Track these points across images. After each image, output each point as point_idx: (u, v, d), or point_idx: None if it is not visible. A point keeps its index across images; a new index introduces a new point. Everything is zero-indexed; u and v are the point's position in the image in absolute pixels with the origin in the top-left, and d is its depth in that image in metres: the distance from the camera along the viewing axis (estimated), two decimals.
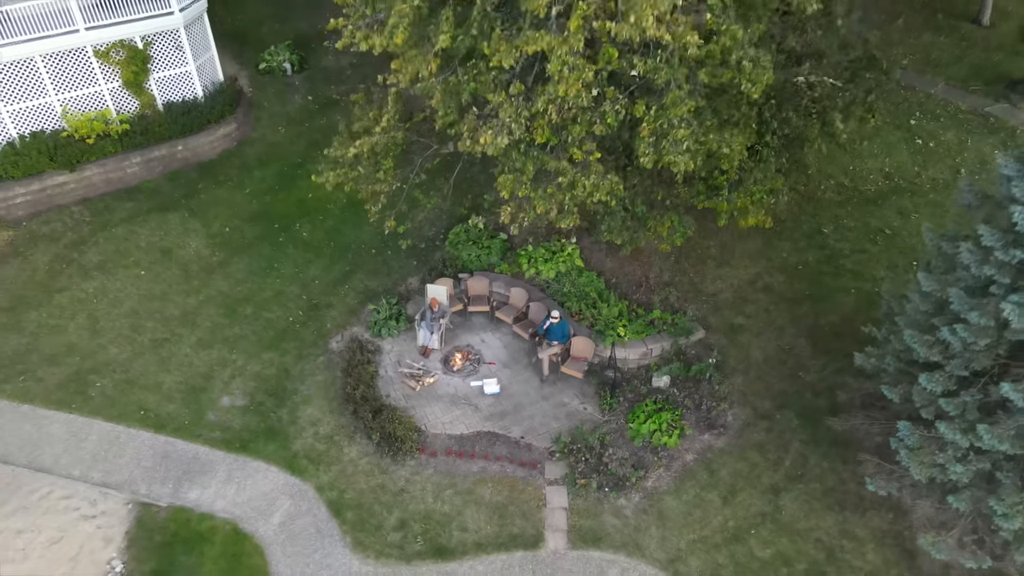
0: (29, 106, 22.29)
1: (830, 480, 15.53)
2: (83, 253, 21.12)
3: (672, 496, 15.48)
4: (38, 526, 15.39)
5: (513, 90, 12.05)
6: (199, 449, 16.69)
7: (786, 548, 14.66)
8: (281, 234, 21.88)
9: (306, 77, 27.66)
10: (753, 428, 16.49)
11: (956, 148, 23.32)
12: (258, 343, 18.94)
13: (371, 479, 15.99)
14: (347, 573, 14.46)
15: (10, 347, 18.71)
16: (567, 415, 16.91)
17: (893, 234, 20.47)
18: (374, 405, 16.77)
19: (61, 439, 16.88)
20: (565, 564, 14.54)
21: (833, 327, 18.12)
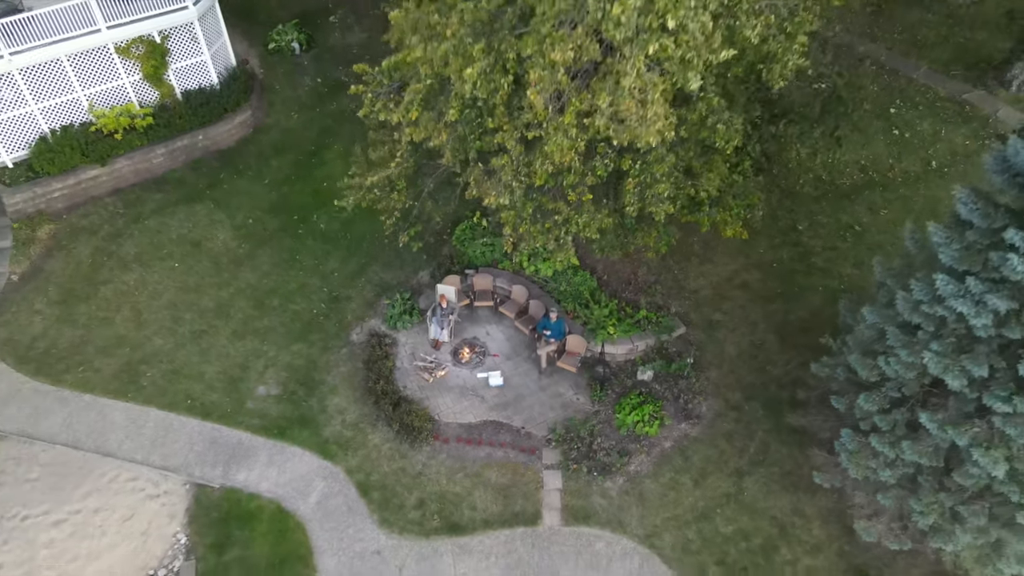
0: (58, 102, 23.67)
1: (787, 465, 18.10)
2: (120, 245, 23.05)
3: (651, 479, 18.09)
4: (111, 505, 18.08)
5: (513, 153, 13.75)
6: (242, 435, 19.20)
7: (746, 525, 17.38)
8: (300, 225, 23.73)
9: (314, 56, 28.74)
10: (724, 418, 18.95)
11: (930, 139, 24.76)
12: (287, 335, 21.17)
13: (393, 463, 18.57)
14: (376, 547, 17.22)
15: (66, 339, 20.95)
16: (562, 405, 19.34)
17: (862, 231, 22.32)
18: (393, 398, 19.17)
19: (122, 426, 19.37)
20: (559, 539, 17.28)
21: (801, 323, 20.30)
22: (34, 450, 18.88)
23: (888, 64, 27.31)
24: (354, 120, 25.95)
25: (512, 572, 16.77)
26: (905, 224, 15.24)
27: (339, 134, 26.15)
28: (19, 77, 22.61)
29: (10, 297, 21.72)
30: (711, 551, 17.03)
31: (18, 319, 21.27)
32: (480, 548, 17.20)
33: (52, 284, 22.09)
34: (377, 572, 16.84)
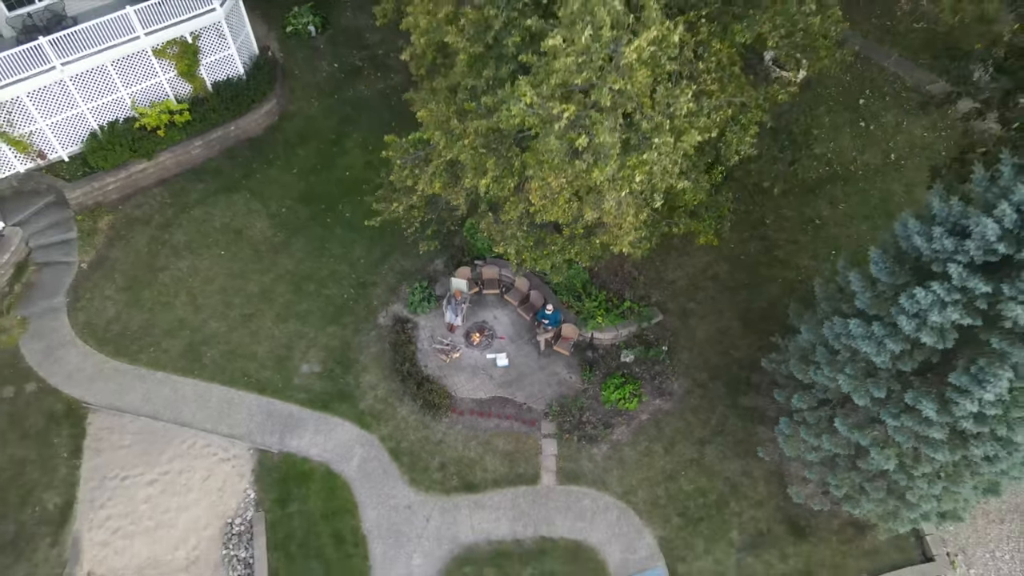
0: (104, 102, 26.22)
1: (740, 436, 22.16)
2: (172, 234, 26.27)
3: (629, 447, 22.21)
4: (192, 467, 22.31)
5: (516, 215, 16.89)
6: (292, 408, 23.18)
7: (704, 484, 21.63)
8: (328, 215, 26.82)
9: (329, 39, 30.81)
10: (691, 395, 22.88)
11: (892, 131, 27.43)
12: (323, 318, 24.77)
13: (418, 432, 22.64)
14: (407, 502, 21.54)
15: (136, 323, 24.58)
16: (558, 383, 23.23)
17: (822, 224, 25.47)
18: (418, 378, 23.01)
19: (192, 400, 23.33)
20: (554, 496, 21.57)
21: (761, 311, 23.87)
22: (123, 421, 22.92)
23: (863, 51, 29.46)
24: (370, 109, 28.82)
25: (516, 523, 21.15)
26: (860, 223, 18.33)
27: (358, 123, 28.73)
28: (70, 83, 25.09)
29: (83, 284, 25.15)
30: (675, 505, 21.36)
31: (93, 304, 24.79)
32: (490, 503, 21.51)
33: (117, 271, 25.46)
34: (409, 523, 21.23)
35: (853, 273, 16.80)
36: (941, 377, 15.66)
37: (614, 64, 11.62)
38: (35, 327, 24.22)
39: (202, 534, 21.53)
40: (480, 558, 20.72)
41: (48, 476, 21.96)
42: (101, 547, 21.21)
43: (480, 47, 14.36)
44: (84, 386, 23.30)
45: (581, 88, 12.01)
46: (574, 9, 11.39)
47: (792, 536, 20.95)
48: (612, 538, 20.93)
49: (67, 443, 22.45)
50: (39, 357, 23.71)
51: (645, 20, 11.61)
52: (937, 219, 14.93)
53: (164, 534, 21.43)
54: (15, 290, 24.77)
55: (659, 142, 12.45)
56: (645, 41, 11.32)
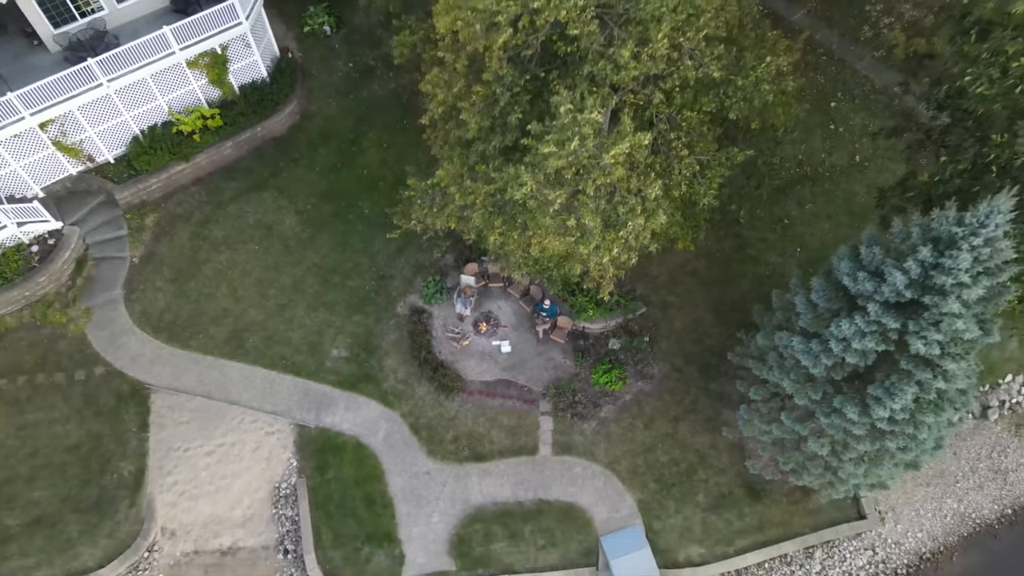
0: (144, 109, 28.95)
1: (709, 414, 25.96)
2: (211, 230, 29.43)
3: (615, 423, 26.05)
4: (243, 440, 26.22)
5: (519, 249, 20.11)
6: (325, 388, 26.91)
7: (677, 455, 25.57)
8: (349, 212, 29.90)
9: (343, 38, 33.15)
10: (669, 378, 26.57)
11: (859, 133, 30.16)
12: (348, 308, 28.23)
13: (434, 410, 26.44)
14: (426, 470, 25.51)
15: (185, 312, 28.05)
16: (554, 367, 26.89)
17: (790, 223, 28.58)
18: (432, 363, 26.66)
19: (238, 381, 27.05)
20: (550, 464, 25.53)
21: (732, 304, 27.30)
22: (181, 400, 26.71)
23: (838, 53, 31.89)
24: (384, 109, 31.53)
25: (518, 488, 25.21)
26: (823, 222, 21.56)
27: (372, 123, 31.44)
28: (115, 96, 27.79)
29: (135, 277, 28.50)
30: (652, 473, 25.37)
31: (146, 295, 28.21)
32: (496, 471, 25.51)
33: (165, 265, 28.75)
34: (428, 487, 25.29)
35: (799, 297, 20.16)
36: (863, 386, 19.27)
37: (597, 163, 14.67)
38: (98, 317, 27.69)
39: (254, 496, 25.64)
40: (488, 517, 24.85)
41: (122, 447, 25.87)
42: (171, 507, 25.36)
43: (488, 121, 17.32)
44: (145, 369, 26.96)
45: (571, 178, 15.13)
46: (564, 122, 14.36)
47: (749, 499, 25.03)
48: (599, 500, 25.02)
49: (135, 419, 26.28)
50: (104, 344, 27.28)
51: (621, 132, 14.58)
52: (863, 263, 18.21)
53: (223, 496, 25.53)
54: (77, 283, 28.14)
55: (632, 225, 15.61)
56: (621, 148, 14.35)
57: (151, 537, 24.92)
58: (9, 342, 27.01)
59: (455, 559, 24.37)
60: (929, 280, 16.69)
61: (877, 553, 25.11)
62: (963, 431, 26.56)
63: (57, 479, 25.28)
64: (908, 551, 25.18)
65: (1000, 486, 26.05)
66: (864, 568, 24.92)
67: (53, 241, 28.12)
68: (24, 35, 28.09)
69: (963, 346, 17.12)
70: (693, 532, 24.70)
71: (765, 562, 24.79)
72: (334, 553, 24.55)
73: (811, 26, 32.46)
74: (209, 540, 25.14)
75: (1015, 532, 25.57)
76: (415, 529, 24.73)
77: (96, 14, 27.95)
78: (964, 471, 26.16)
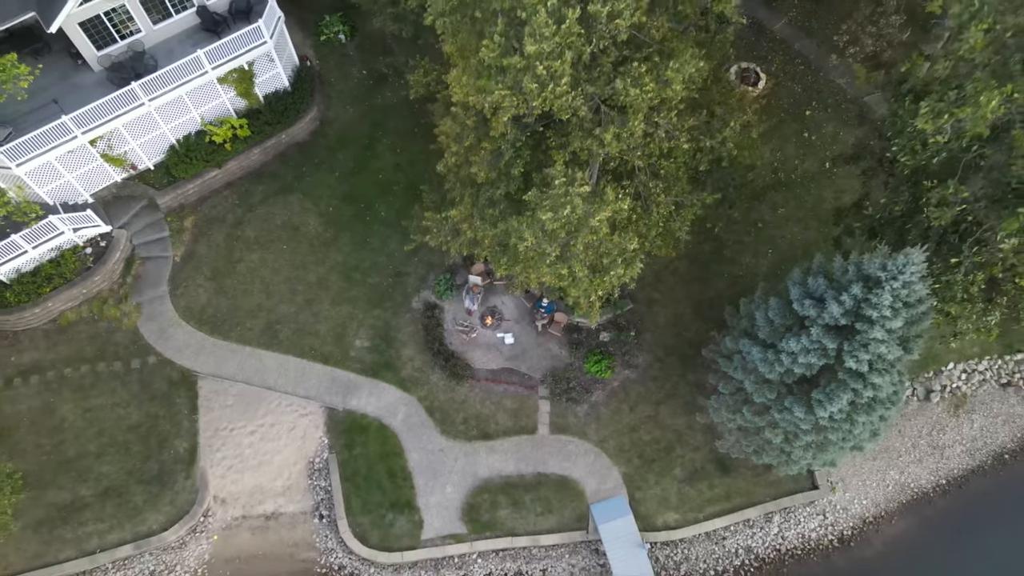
0: (180, 122, 31.92)
1: (687, 399, 29.77)
2: (243, 231, 32.73)
3: (604, 407, 29.89)
4: (280, 421, 30.14)
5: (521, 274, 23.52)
6: (350, 375, 30.68)
7: (658, 435, 29.50)
8: (367, 213, 33.13)
9: (357, 45, 35.77)
10: (652, 367, 30.30)
11: (830, 141, 33.13)
12: (368, 303, 31.75)
13: (446, 394, 30.25)
14: (440, 447, 29.47)
15: (224, 307, 31.59)
16: (551, 357, 30.59)
17: (763, 227, 31.83)
18: (444, 354, 30.34)
19: (274, 369, 30.80)
20: (547, 442, 29.48)
21: (709, 301, 30.81)
22: (225, 385, 30.52)
23: (815, 63, 34.57)
24: (396, 116, 34.47)
25: (520, 462, 29.21)
26: (794, 225, 25.01)
27: (386, 129, 34.36)
28: (155, 113, 30.74)
29: (178, 275, 31.96)
30: (636, 450, 29.33)
31: (188, 292, 31.71)
32: (501, 448, 29.48)
33: (204, 264, 32.17)
34: (442, 462, 29.31)
35: (759, 311, 23.69)
36: (810, 389, 22.99)
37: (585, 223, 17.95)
38: (147, 311, 31.28)
39: (292, 469, 29.71)
40: (494, 488, 28.95)
41: (176, 427, 29.80)
42: (221, 479, 29.45)
43: (495, 172, 20.54)
44: (192, 358, 30.68)
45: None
46: (558, 193, 17.59)
47: (718, 472, 29.07)
48: (589, 473, 29.07)
49: (186, 403, 30.14)
50: (155, 336, 30.93)
51: (605, 199, 17.82)
52: (810, 290, 21.68)
53: (265, 469, 29.60)
54: (127, 281, 31.64)
55: (613, 273, 18.99)
56: (605, 214, 17.62)
57: (205, 504, 29.07)
58: (71, 335, 30.66)
59: (466, 524, 28.56)
60: (860, 310, 20.20)
61: (827, 518, 29.29)
62: (908, 412, 30.43)
63: (122, 455, 29.26)
64: (854, 516, 29.35)
65: (937, 460, 30.07)
66: (815, 530, 29.13)
67: (104, 243, 31.48)
68: (69, 55, 30.78)
69: (887, 363, 20.73)
70: (670, 501, 28.82)
71: (731, 526, 28.98)
72: (363, 518, 28.73)
73: (791, 36, 35.04)
74: (255, 507, 29.31)
75: (948, 500, 29.69)
76: (431, 498, 28.84)
77: (135, 36, 30.60)
78: (907, 447, 30.13)
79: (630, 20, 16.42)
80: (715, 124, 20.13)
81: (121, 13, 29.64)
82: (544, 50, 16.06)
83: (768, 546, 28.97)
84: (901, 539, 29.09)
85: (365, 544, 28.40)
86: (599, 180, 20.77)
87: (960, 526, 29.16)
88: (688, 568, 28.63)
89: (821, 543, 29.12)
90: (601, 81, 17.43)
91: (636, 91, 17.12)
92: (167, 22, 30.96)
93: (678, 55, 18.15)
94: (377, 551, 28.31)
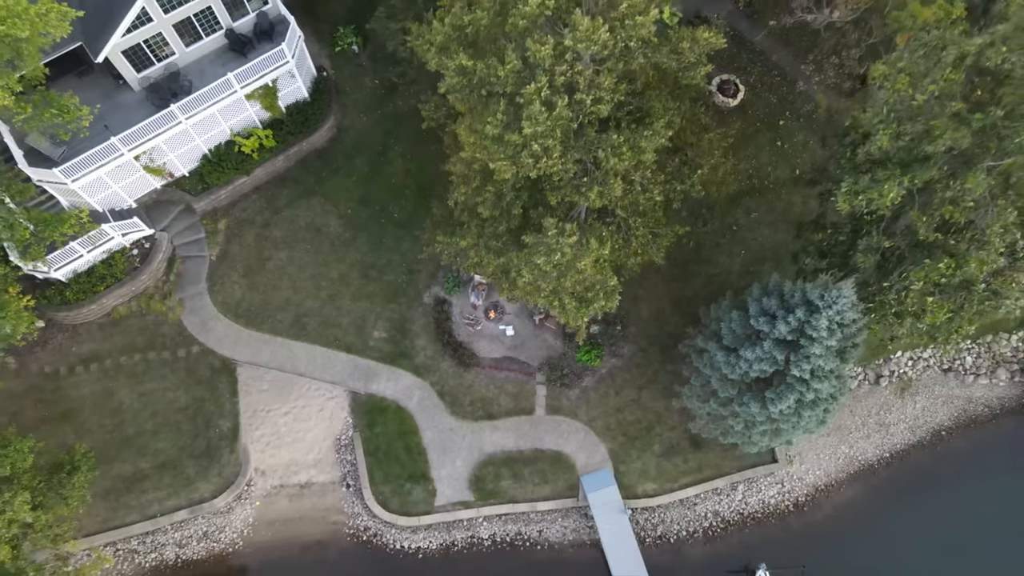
0: (212, 134, 35.34)
1: (665, 384, 34.05)
2: (271, 232, 36.46)
3: (593, 391, 34.21)
4: (310, 404, 34.50)
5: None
6: (370, 363, 34.88)
7: (640, 416, 33.90)
8: (381, 216, 36.76)
9: (369, 55, 38.74)
10: (636, 356, 34.48)
11: (800, 150, 36.51)
12: (385, 298, 35.72)
13: (455, 380, 34.52)
14: (450, 426, 33.88)
15: (256, 301, 35.56)
16: (547, 347, 34.75)
17: (738, 229, 35.54)
18: (453, 344, 34.49)
19: (303, 357, 34.99)
20: (543, 422, 33.89)
21: (687, 298, 34.77)
22: (260, 372, 34.77)
23: (790, 74, 37.65)
24: (407, 124, 37.86)
25: (520, 439, 33.68)
26: (765, 228, 28.99)
27: (398, 136, 37.68)
28: (190, 129, 34.15)
29: (215, 273, 35.84)
30: (621, 429, 33.78)
31: (225, 288, 35.65)
32: (503, 427, 33.92)
33: (237, 262, 36.01)
34: (451, 439, 33.78)
35: (723, 322, 27.71)
36: (765, 388, 27.21)
37: (574, 266, 21.80)
38: (189, 306, 35.27)
39: (322, 445, 34.24)
40: (497, 461, 33.50)
41: (219, 409, 34.18)
42: (260, 453, 33.99)
43: (498, 211, 24.29)
44: (230, 347, 34.84)
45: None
46: (551, 242, 21.38)
47: (692, 448, 33.58)
48: (579, 449, 33.58)
49: (227, 387, 34.45)
50: (197, 328, 35.02)
51: (590, 247, 21.61)
52: (764, 308, 25.66)
53: (298, 445, 34.12)
54: (171, 279, 35.57)
55: (597, 304, 22.93)
56: (590, 259, 21.46)
57: (248, 475, 33.69)
58: (124, 327, 34.77)
59: (473, 492, 33.22)
60: (804, 330, 24.23)
61: (785, 486, 33.94)
62: (860, 394, 34.78)
63: (174, 433, 33.74)
64: (807, 484, 33.99)
65: (883, 436, 34.54)
66: (774, 497, 33.82)
67: (148, 245, 35.30)
68: (111, 76, 33.98)
69: (825, 372, 24.86)
70: (649, 473, 33.40)
71: (701, 494, 33.64)
72: (384, 487, 33.39)
73: (769, 47, 37.98)
74: (290, 477, 33.95)
75: (890, 470, 34.27)
76: (443, 470, 33.42)
77: (170, 58, 33.74)
78: (857, 424, 34.57)
79: (610, 106, 19.92)
80: (685, 171, 23.75)
81: (158, 39, 32.73)
82: (539, 131, 19.65)
83: (733, 511, 33.70)
84: (848, 504, 33.79)
85: (387, 509, 33.12)
86: (586, 218, 24.48)
87: (900, 493, 33.82)
88: (664, 529, 33.44)
89: (779, 508, 33.84)
90: (586, 149, 21.03)
91: (615, 159, 20.76)
92: (198, 44, 34.01)
93: (654, 116, 21.70)
94: (397, 515, 33.05)
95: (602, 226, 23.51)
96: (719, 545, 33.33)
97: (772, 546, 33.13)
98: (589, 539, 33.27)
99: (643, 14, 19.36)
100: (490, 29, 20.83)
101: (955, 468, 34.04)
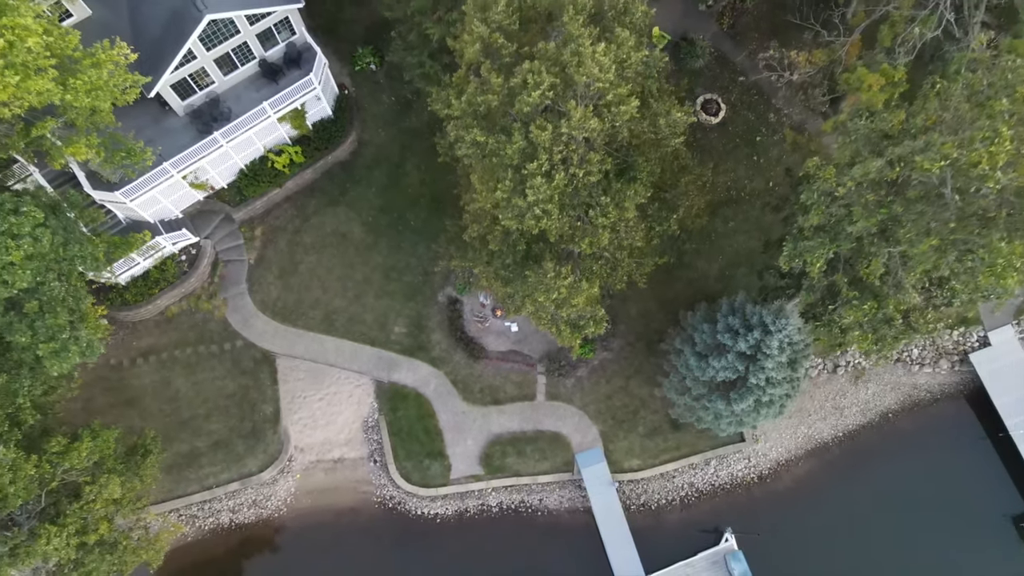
0: (248, 152, 39.61)
1: (650, 374, 39.14)
2: (302, 238, 41.03)
3: (587, 380, 39.35)
4: (340, 391, 39.70)
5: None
6: (392, 355, 39.94)
7: (627, 402, 39.12)
8: (399, 223, 41.25)
9: (386, 73, 42.58)
10: (624, 350, 39.51)
11: (774, 164, 40.73)
12: (404, 297, 40.51)
13: (467, 370, 39.63)
14: (463, 411, 39.13)
15: (291, 301, 40.37)
16: (547, 342, 39.70)
17: (716, 237, 40.07)
18: (464, 339, 39.48)
19: (333, 350, 40.03)
20: (543, 407, 39.13)
21: (669, 300, 39.55)
22: (296, 363, 39.87)
23: (767, 93, 41.59)
24: (421, 138, 42.06)
25: (523, 422, 38.98)
26: (740, 236, 33.94)
27: (413, 149, 41.84)
28: (230, 150, 38.42)
29: (253, 275, 40.56)
30: (610, 413, 39.06)
31: (263, 289, 40.43)
32: (509, 411, 39.19)
33: (273, 265, 40.69)
34: (464, 422, 39.10)
35: (696, 332, 32.63)
36: (730, 389, 32.32)
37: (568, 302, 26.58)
38: (232, 305, 40.13)
39: (352, 427, 39.60)
40: (504, 441, 38.91)
41: (262, 395, 39.41)
42: (299, 433, 39.38)
43: (506, 245, 28.95)
44: (270, 341, 39.85)
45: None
46: (549, 281, 26.12)
47: (671, 430, 38.93)
48: (574, 431, 38.95)
49: (268, 376, 39.60)
50: (240, 324, 39.96)
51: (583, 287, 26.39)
52: (729, 325, 30.56)
53: (332, 427, 39.48)
54: (215, 281, 40.34)
55: (588, 330, 27.80)
56: (582, 298, 26.25)
57: (288, 452, 39.16)
58: (176, 324, 39.72)
59: (483, 467, 38.73)
60: (760, 347, 29.17)
61: (751, 461, 39.41)
62: (819, 382, 39.92)
63: (224, 416, 39.04)
64: (770, 460, 39.46)
65: (837, 418, 39.84)
66: (741, 471, 39.33)
67: (195, 251, 39.97)
68: (157, 103, 38.05)
69: (778, 380, 29.89)
70: (634, 451, 38.84)
71: (679, 468, 39.14)
72: (406, 463, 38.90)
73: (750, 67, 41.77)
74: (326, 453, 39.43)
75: (843, 447, 39.67)
76: (457, 449, 38.85)
77: (210, 87, 37.76)
78: (815, 408, 39.83)
79: (599, 176, 24.43)
80: (663, 213, 28.31)
81: (200, 71, 36.72)
82: (540, 198, 24.21)
83: (706, 482, 39.27)
84: (805, 476, 39.33)
85: (409, 482, 38.70)
86: (579, 254, 29.12)
87: (850, 467, 39.29)
88: (646, 499, 39.08)
89: (745, 480, 39.39)
90: (579, 209, 25.61)
91: (603, 218, 25.36)
92: (234, 73, 37.95)
93: (638, 169, 26.18)
94: (418, 487, 38.65)
95: (592, 261, 28.16)
96: (693, 512, 39.03)
97: (738, 512, 38.81)
98: (582, 507, 38.93)
99: (625, 103, 23.66)
100: (500, 108, 25.12)
101: (899, 446, 39.42)
